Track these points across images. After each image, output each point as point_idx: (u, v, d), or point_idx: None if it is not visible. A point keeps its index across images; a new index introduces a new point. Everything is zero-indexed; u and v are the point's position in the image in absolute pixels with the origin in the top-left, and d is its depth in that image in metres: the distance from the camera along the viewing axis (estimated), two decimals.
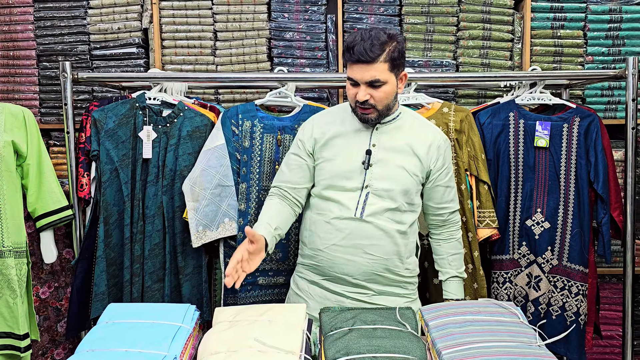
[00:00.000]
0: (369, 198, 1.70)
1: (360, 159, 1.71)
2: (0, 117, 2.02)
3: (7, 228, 1.98)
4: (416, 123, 1.79)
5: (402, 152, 1.72)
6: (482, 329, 1.47)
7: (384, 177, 1.70)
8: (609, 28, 2.62)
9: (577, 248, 2.14)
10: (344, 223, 1.71)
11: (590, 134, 2.15)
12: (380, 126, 1.73)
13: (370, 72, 1.60)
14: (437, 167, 1.76)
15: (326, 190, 1.74)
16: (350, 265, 1.72)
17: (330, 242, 1.72)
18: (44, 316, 2.33)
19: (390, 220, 1.72)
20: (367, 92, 1.63)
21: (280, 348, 1.36)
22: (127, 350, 1.37)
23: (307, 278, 1.81)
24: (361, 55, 1.58)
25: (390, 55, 1.61)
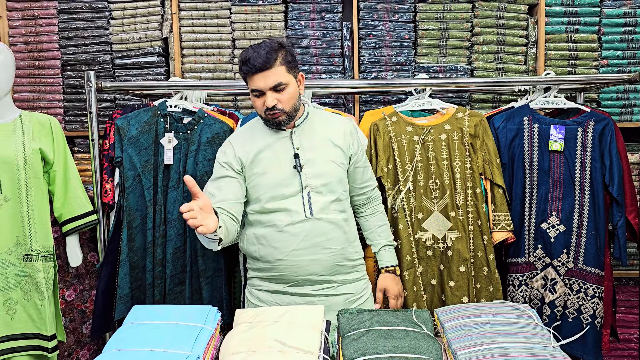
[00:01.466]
0: (312, 197, 1.78)
1: (290, 164, 1.79)
2: (28, 125, 2.10)
3: (35, 232, 2.06)
4: (325, 117, 1.91)
5: (324, 147, 1.82)
6: (497, 330, 1.49)
7: (318, 174, 1.79)
8: (623, 31, 2.62)
9: (592, 251, 2.15)
10: (297, 227, 1.77)
11: (604, 138, 2.16)
12: (295, 129, 1.82)
13: (272, 77, 1.70)
14: (354, 150, 1.88)
15: (269, 203, 1.78)
16: (314, 264, 1.79)
17: (290, 249, 1.77)
18: (70, 318, 2.40)
19: (335, 211, 1.81)
20: (274, 97, 1.72)
21: (300, 348, 1.40)
22: (152, 350, 1.41)
23: (269, 289, 1.85)
24: (260, 65, 1.68)
25: (284, 59, 1.72)
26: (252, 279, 1.90)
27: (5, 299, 2.02)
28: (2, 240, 2.01)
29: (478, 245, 2.13)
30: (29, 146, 2.06)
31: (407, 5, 2.65)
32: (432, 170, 2.16)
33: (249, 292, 1.91)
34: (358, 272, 1.91)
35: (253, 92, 1.74)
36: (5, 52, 2.06)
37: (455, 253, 2.12)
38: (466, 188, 2.14)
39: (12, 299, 2.03)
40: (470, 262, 2.13)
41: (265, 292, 1.86)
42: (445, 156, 2.16)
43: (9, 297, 2.02)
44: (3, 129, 2.06)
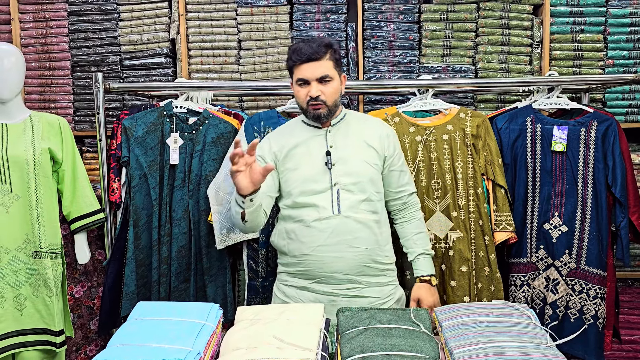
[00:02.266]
0: (341, 194, 1.80)
1: (322, 160, 1.83)
2: (37, 126, 2.15)
3: (44, 230, 2.11)
4: (362, 119, 1.94)
5: (358, 147, 1.85)
6: (493, 330, 1.51)
7: (348, 172, 1.82)
8: (629, 31, 2.61)
9: (595, 251, 2.16)
10: (324, 223, 1.79)
11: (607, 138, 2.16)
12: (331, 128, 1.86)
13: (320, 69, 1.77)
14: (390, 153, 1.90)
15: (299, 197, 1.82)
16: (339, 261, 1.80)
17: (316, 244, 1.80)
18: (78, 314, 2.45)
19: (365, 211, 1.82)
20: (318, 88, 1.78)
21: (298, 345, 1.42)
22: (155, 345, 1.45)
23: (295, 285, 1.88)
24: (311, 54, 1.75)
25: (333, 56, 1.79)
26: (280, 273, 1.94)
27: (15, 294, 2.07)
28: (12, 237, 2.06)
29: (479, 246, 2.15)
30: (38, 146, 2.11)
31: (411, 6, 2.66)
32: (434, 171, 2.18)
33: (277, 287, 1.95)
34: (386, 276, 1.90)
35: (298, 81, 1.80)
36: (16, 54, 2.11)
37: (457, 253, 2.14)
38: (468, 188, 2.16)
39: (21, 295, 2.08)
40: (472, 262, 2.14)
41: (291, 287, 1.89)
42: (447, 156, 2.17)
43: (18, 293, 2.08)
44: (13, 129, 2.11)
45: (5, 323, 2.05)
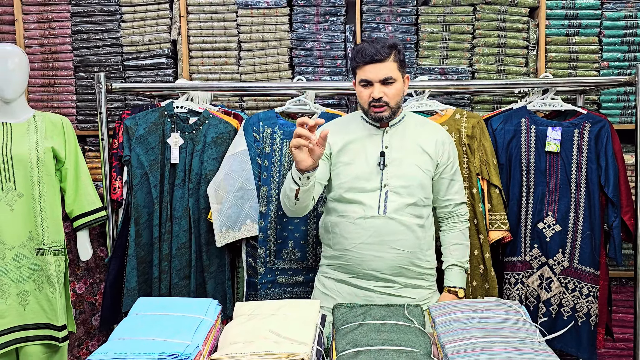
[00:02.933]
0: (389, 196, 1.81)
1: (375, 160, 1.83)
2: (41, 125, 2.20)
3: (47, 227, 2.15)
4: (420, 123, 1.93)
5: (412, 151, 1.85)
6: (485, 325, 1.54)
7: (400, 175, 1.82)
8: (624, 34, 2.65)
9: (587, 250, 2.19)
10: (368, 222, 1.81)
11: (600, 139, 2.20)
12: (389, 129, 1.87)
13: (384, 71, 1.76)
14: (443, 161, 1.89)
15: (347, 193, 1.83)
16: (378, 260, 1.82)
17: (358, 241, 1.82)
18: (80, 310, 2.50)
19: (410, 215, 1.83)
20: (381, 89, 1.77)
21: (294, 339, 1.46)
22: (155, 339, 1.48)
23: (334, 277, 1.90)
24: (374, 55, 1.74)
25: (397, 57, 1.78)
26: (322, 266, 1.97)
27: (18, 290, 2.11)
28: (16, 234, 2.11)
29: (474, 244, 2.19)
30: (41, 145, 2.15)
31: (409, 9, 2.70)
32: None
33: (318, 279, 1.97)
34: (425, 280, 1.90)
35: (361, 82, 1.80)
36: (20, 55, 2.15)
37: None
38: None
39: (25, 291, 2.13)
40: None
41: (330, 279, 1.91)
42: None
43: (22, 288, 2.12)
44: (17, 128, 2.15)
45: (9, 318, 2.09)
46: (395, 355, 1.42)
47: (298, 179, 1.68)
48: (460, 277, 1.92)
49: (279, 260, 2.25)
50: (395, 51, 1.78)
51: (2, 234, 2.09)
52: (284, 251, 2.26)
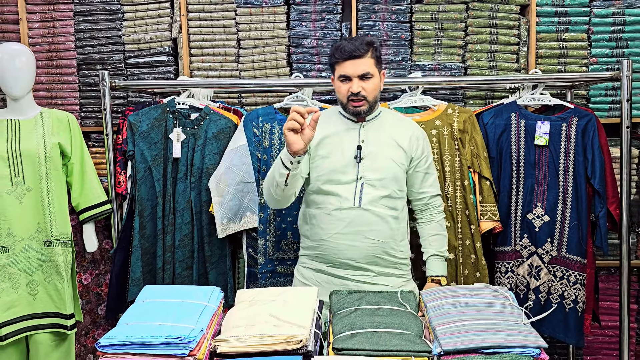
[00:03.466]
0: (364, 188, 1.89)
1: (352, 154, 1.91)
2: (48, 121, 2.27)
3: (55, 220, 2.23)
4: (396, 119, 2.02)
5: (388, 145, 1.93)
6: (474, 309, 1.63)
7: (375, 168, 1.90)
8: (612, 31, 2.73)
9: (575, 240, 2.28)
10: (344, 213, 1.89)
11: (587, 133, 2.28)
12: (365, 124, 1.95)
13: (362, 66, 1.84)
14: (417, 155, 1.98)
15: (325, 185, 1.91)
16: (353, 250, 1.91)
17: (334, 232, 1.91)
18: (86, 300, 2.58)
19: (385, 207, 1.91)
20: (360, 84, 1.85)
21: (293, 323, 1.54)
22: (161, 324, 1.56)
23: (312, 267, 2.00)
24: (353, 51, 1.83)
25: (375, 53, 1.86)
26: (301, 257, 2.06)
27: (28, 280, 2.20)
28: (25, 227, 2.19)
29: (466, 234, 2.27)
30: (49, 140, 2.23)
31: (403, 6, 2.78)
32: None
33: (297, 270, 2.07)
34: (399, 270, 1.99)
35: (340, 77, 1.88)
36: (27, 53, 2.23)
37: None
38: (455, 180, 2.28)
39: (34, 281, 2.21)
40: (459, 249, 2.27)
41: (308, 269, 2.00)
42: (436, 150, 2.30)
43: (31, 279, 2.20)
44: (25, 124, 2.23)
45: (19, 307, 2.17)
46: (388, 337, 1.51)
47: (289, 162, 1.75)
48: (441, 266, 2.01)
49: (278, 250, 2.34)
50: (372, 48, 1.86)
51: (12, 227, 2.17)
52: (282, 242, 2.35)
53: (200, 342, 1.51)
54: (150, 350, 1.46)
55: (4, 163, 2.16)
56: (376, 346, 1.45)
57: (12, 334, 2.15)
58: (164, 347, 1.46)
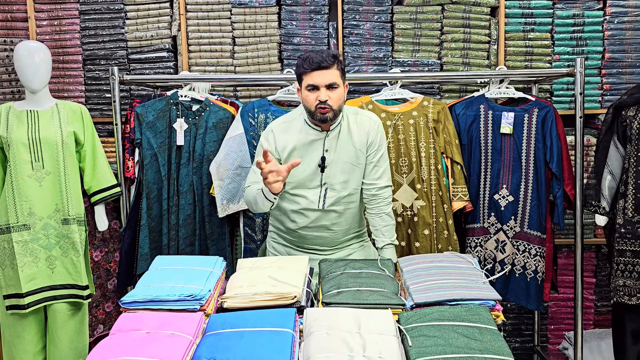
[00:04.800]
0: (328, 192, 2.12)
1: (317, 163, 2.10)
2: (63, 112, 2.50)
3: (71, 201, 2.47)
4: (355, 121, 2.14)
5: (348, 151, 2.11)
6: (442, 272, 1.90)
7: (337, 173, 2.11)
8: (573, 31, 3.01)
9: (535, 217, 2.58)
10: (310, 212, 2.14)
11: (546, 122, 2.57)
12: (329, 133, 2.10)
13: (329, 77, 1.97)
14: (371, 149, 2.14)
15: (294, 189, 2.13)
16: (319, 239, 2.19)
17: (301, 225, 2.16)
18: (97, 275, 2.82)
19: (345, 203, 2.15)
20: (327, 93, 1.98)
21: (288, 283, 1.80)
22: (174, 285, 1.81)
23: (283, 244, 2.26)
24: (321, 62, 1.95)
25: (340, 66, 2.02)
26: (272, 232, 2.31)
27: (47, 255, 2.44)
28: (44, 207, 2.43)
29: (439, 213, 2.55)
30: (65, 129, 2.46)
31: (385, 8, 3.03)
32: (401, 150, 2.57)
33: (268, 243, 2.32)
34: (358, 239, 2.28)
35: (307, 87, 1.99)
36: (45, 50, 2.46)
37: (420, 219, 2.54)
38: (430, 165, 2.56)
39: (52, 256, 2.45)
40: (433, 226, 2.55)
41: (280, 244, 2.27)
42: (413, 138, 2.57)
43: (50, 254, 2.44)
44: (43, 115, 2.46)
45: (39, 279, 2.41)
46: (369, 294, 1.77)
47: (273, 199, 1.99)
48: (393, 252, 2.21)
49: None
50: (337, 61, 1.99)
51: (33, 207, 2.40)
52: None
53: (209, 300, 1.76)
54: (166, 306, 1.70)
55: (25, 149, 2.39)
56: (359, 300, 1.72)
57: (34, 303, 2.39)
58: (178, 303, 1.70)
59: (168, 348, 1.48)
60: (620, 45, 3.00)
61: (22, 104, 2.49)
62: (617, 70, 3.01)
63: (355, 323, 1.56)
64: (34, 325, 2.46)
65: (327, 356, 1.41)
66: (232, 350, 1.45)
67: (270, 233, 2.33)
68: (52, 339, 2.47)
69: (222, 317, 1.66)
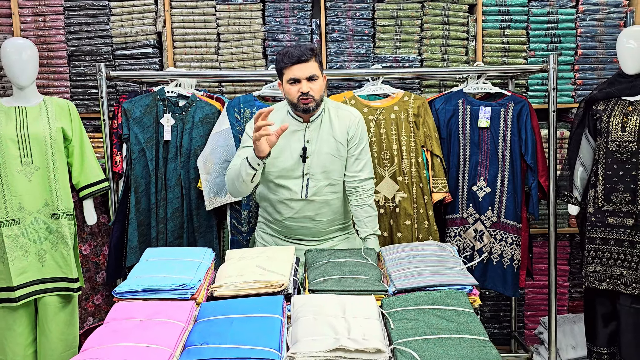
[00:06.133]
0: (310, 182, 2.21)
1: (299, 153, 2.19)
2: (51, 108, 2.54)
3: (60, 196, 2.50)
4: (335, 114, 2.24)
5: (328, 142, 2.20)
6: (422, 259, 2.00)
7: (318, 164, 2.20)
8: (547, 27, 3.12)
9: (511, 207, 2.69)
10: (293, 203, 2.23)
11: (521, 116, 2.68)
12: (310, 124, 2.20)
13: (309, 69, 2.08)
14: (350, 142, 2.23)
15: (277, 179, 2.22)
16: (304, 229, 2.28)
17: (287, 215, 2.25)
18: (86, 268, 2.86)
19: (328, 193, 2.24)
20: (308, 85, 2.09)
21: (276, 272, 1.88)
22: (165, 275, 1.87)
23: (271, 234, 2.35)
24: (301, 56, 2.07)
25: (317, 58, 2.13)
26: (260, 223, 2.39)
27: (37, 249, 2.47)
28: (34, 202, 2.46)
29: (420, 204, 2.65)
30: (53, 125, 2.50)
31: (366, 5, 3.11)
32: (383, 144, 2.66)
33: (257, 233, 2.40)
34: (343, 231, 2.38)
35: (289, 80, 2.11)
36: (32, 47, 2.49)
37: (402, 210, 2.64)
38: (411, 158, 2.65)
39: (42, 250, 2.49)
40: (414, 217, 2.65)
41: (268, 235, 2.35)
42: (394, 132, 2.66)
43: (40, 247, 2.48)
44: (31, 111, 2.49)
45: (30, 272, 2.45)
46: (353, 281, 1.86)
47: (257, 164, 2.04)
48: (376, 242, 2.29)
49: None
50: (315, 53, 2.11)
51: (22, 202, 2.44)
52: None
53: (199, 289, 1.83)
54: (158, 295, 1.77)
55: (14, 145, 2.42)
56: (344, 287, 1.80)
57: (25, 296, 2.43)
58: (170, 292, 1.77)
59: (162, 334, 1.54)
60: (592, 42, 3.12)
61: (10, 100, 2.52)
62: (589, 66, 3.14)
63: (340, 308, 1.64)
64: (25, 318, 2.50)
65: (314, 339, 1.49)
66: (223, 335, 1.53)
67: (259, 224, 2.41)
68: (42, 331, 2.52)
69: (212, 305, 1.73)
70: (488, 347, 1.48)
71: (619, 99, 2.49)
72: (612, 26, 3.11)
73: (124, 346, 1.49)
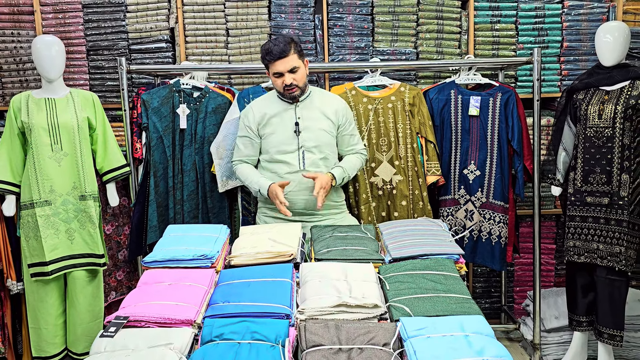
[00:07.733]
0: (305, 154, 2.47)
1: (292, 128, 2.47)
2: (77, 99, 2.77)
3: (87, 180, 2.74)
4: (322, 96, 2.56)
5: (319, 119, 2.50)
6: (416, 233, 2.24)
7: (311, 138, 2.47)
8: (535, 22, 3.33)
9: (499, 189, 2.92)
10: (293, 175, 2.47)
11: (508, 105, 2.91)
12: (299, 104, 2.49)
13: (289, 63, 2.36)
14: (342, 122, 2.57)
15: (275, 155, 2.48)
16: (302, 202, 2.50)
17: (287, 190, 2.47)
18: (109, 247, 3.11)
19: (323, 166, 2.49)
20: (290, 77, 2.38)
21: (285, 244, 2.12)
22: (187, 248, 2.11)
23: (273, 216, 2.58)
24: (280, 54, 2.35)
25: (296, 49, 2.39)
26: (261, 207, 2.63)
27: (66, 228, 2.71)
28: (63, 185, 2.70)
29: (415, 186, 2.89)
30: (79, 115, 2.73)
31: (366, 1, 3.31)
32: (381, 131, 2.89)
33: (259, 217, 2.64)
34: (337, 209, 2.61)
35: (274, 74, 2.40)
36: (60, 43, 2.71)
37: (399, 192, 2.87)
38: (406, 144, 2.88)
39: (71, 229, 2.73)
40: (410, 198, 2.89)
41: (269, 217, 2.59)
42: (391, 120, 2.89)
43: (69, 227, 2.72)
44: (60, 102, 2.72)
45: (60, 249, 2.69)
46: (354, 251, 2.10)
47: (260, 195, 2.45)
48: (339, 173, 2.49)
49: None
50: (293, 44, 2.37)
51: (53, 185, 2.67)
52: None
53: (218, 259, 2.07)
54: (182, 264, 2.01)
55: (46, 133, 2.65)
56: (346, 256, 2.04)
57: (56, 271, 2.68)
58: (192, 261, 2.01)
59: (189, 294, 1.79)
60: (577, 35, 3.34)
61: (40, 92, 2.75)
62: (574, 57, 3.35)
63: (343, 273, 1.88)
64: (55, 291, 2.75)
65: (320, 297, 1.73)
66: (242, 295, 1.77)
67: (260, 209, 2.64)
68: (71, 303, 2.77)
69: (230, 271, 1.98)
70: (470, 303, 1.73)
71: (597, 88, 2.71)
72: (596, 20, 3.32)
73: (157, 304, 1.73)
